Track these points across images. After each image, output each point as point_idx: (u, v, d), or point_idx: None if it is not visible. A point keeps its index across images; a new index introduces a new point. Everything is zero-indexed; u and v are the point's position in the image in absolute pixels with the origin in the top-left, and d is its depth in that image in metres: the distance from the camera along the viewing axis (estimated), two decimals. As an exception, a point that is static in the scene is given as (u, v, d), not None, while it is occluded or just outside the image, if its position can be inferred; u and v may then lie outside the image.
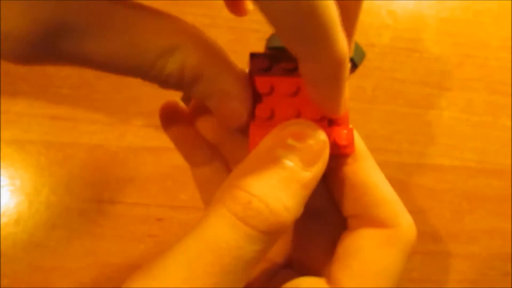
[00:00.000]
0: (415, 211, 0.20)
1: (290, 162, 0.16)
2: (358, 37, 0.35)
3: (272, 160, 0.16)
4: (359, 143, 0.19)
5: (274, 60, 0.19)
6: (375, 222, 0.18)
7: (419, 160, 0.35)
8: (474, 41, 0.39)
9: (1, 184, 0.31)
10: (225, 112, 0.18)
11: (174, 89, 0.18)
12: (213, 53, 0.17)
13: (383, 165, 0.18)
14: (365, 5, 0.18)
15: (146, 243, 0.31)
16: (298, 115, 0.19)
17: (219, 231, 0.15)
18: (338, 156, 0.19)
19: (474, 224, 0.34)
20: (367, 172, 0.19)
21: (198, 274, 0.14)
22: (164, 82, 0.17)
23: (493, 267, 0.33)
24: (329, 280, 0.18)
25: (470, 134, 0.36)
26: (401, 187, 0.18)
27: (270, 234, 0.15)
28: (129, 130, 0.33)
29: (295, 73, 0.19)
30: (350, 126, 0.19)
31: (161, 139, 0.34)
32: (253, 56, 0.19)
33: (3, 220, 0.31)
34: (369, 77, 0.37)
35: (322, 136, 0.17)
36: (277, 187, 0.16)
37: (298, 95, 0.19)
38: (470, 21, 0.39)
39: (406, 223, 0.18)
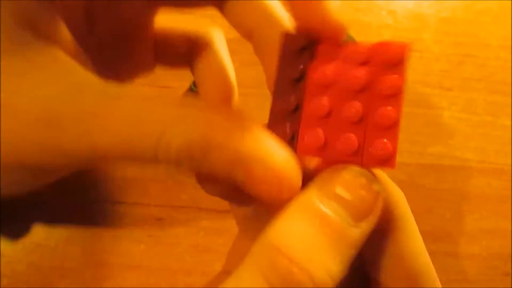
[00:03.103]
0: (415, 211, 0.20)
1: (337, 217, 0.14)
2: (358, 37, 0.35)
3: (317, 215, 0.14)
4: (403, 204, 0.17)
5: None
6: None
7: (419, 160, 0.35)
8: (474, 41, 0.39)
9: (1, 184, 0.31)
10: (259, 181, 0.15)
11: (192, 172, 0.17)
12: (219, 118, 0.15)
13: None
14: (364, 5, 0.18)
15: (146, 243, 0.31)
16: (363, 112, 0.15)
17: None
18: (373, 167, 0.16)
19: (474, 224, 0.34)
20: (410, 243, 0.17)
21: None
22: (177, 162, 0.15)
23: (493, 267, 0.33)
24: None
25: (470, 134, 0.36)
26: (401, 187, 0.18)
27: None
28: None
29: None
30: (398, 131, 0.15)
31: (161, 139, 0.33)
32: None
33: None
34: (369, 77, 0.37)
35: (376, 185, 0.15)
36: (322, 249, 0.14)
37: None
38: (470, 20, 0.39)
39: None
